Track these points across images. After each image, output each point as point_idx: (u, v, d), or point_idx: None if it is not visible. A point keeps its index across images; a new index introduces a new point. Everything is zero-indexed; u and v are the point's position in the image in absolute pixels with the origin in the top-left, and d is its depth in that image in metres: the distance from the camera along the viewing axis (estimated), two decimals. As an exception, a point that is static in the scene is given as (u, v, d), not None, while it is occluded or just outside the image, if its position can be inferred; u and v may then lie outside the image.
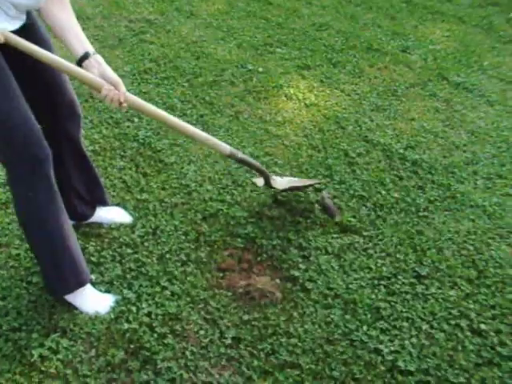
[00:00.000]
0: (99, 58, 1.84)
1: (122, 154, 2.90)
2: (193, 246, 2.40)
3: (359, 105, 3.42)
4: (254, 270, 2.34)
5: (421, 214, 2.66)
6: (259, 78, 3.57)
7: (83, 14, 4.20)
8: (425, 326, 2.14)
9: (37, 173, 1.85)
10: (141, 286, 2.22)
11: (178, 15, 4.37)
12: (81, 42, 1.82)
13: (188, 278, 2.26)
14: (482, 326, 2.17)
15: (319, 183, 2.75)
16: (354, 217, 2.61)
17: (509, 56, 4.20)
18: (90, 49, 1.82)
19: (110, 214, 2.52)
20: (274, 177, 2.61)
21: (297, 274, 2.31)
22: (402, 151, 3.05)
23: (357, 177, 2.84)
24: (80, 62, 1.82)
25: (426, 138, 3.19)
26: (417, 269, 2.38)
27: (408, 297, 2.26)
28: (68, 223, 2.02)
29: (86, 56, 1.81)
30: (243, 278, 2.30)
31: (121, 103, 1.86)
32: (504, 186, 2.89)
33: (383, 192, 2.75)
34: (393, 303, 2.23)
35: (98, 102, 3.20)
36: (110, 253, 2.35)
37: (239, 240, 2.45)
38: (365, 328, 2.11)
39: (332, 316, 2.15)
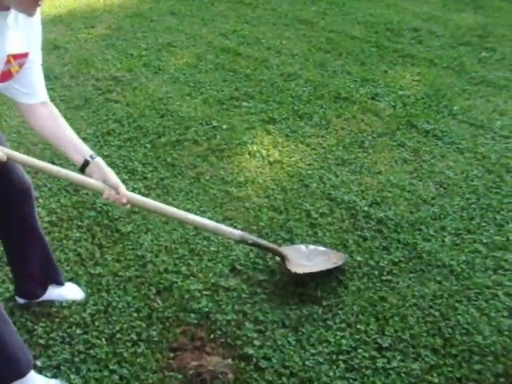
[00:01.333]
0: (99, 161, 1.90)
1: (79, 223, 2.82)
2: (144, 325, 2.30)
3: (324, 159, 3.34)
4: (206, 349, 2.23)
5: (384, 277, 2.55)
6: (223, 136, 3.50)
7: (51, 74, 4.16)
8: (386, 406, 2.03)
9: None
10: (89, 370, 2.12)
11: (145, 71, 4.33)
12: (79, 151, 1.90)
13: (138, 360, 2.16)
14: (448, 403, 2.07)
15: (341, 266, 2.56)
16: (316, 285, 2.50)
17: (479, 98, 4.14)
18: (89, 154, 1.89)
19: (62, 292, 2.43)
20: (291, 252, 2.54)
21: (251, 351, 2.19)
22: (366, 208, 2.95)
23: (319, 239, 2.74)
24: (82, 170, 1.90)
25: (392, 192, 3.10)
26: (378, 340, 2.27)
27: (368, 372, 2.15)
28: (0, 314, 1.90)
29: (86, 163, 1.88)
30: (195, 357, 2.19)
31: (124, 204, 1.92)
32: (473, 242, 2.79)
33: (346, 254, 2.66)
34: (351, 380, 2.11)
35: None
36: (60, 334, 2.26)
37: (193, 316, 2.34)
38: (321, 411, 2.00)
39: (287, 398, 2.04)
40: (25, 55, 1.76)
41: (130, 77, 4.22)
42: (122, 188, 1.90)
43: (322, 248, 2.66)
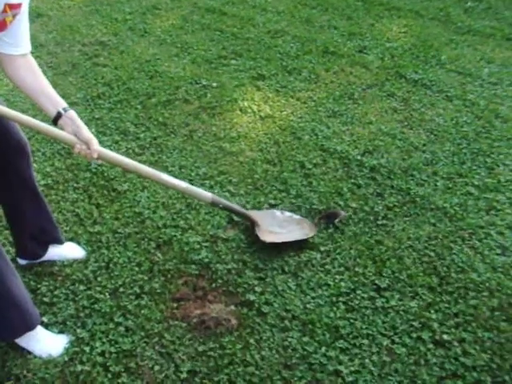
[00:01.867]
0: (72, 114, 1.91)
1: (75, 185, 2.83)
2: (146, 278, 2.34)
3: (315, 112, 3.36)
4: (208, 298, 2.27)
5: (379, 222, 2.60)
6: (213, 94, 3.50)
7: (36, 41, 4.12)
8: (386, 342, 2.08)
9: None
10: (94, 323, 2.16)
11: (131, 34, 4.30)
12: (52, 102, 1.90)
13: (142, 312, 2.19)
14: (445, 337, 2.12)
15: (311, 237, 2.53)
16: (313, 232, 2.55)
17: (467, 47, 4.15)
18: (62, 106, 1.90)
19: (62, 251, 2.46)
20: (264, 217, 2.55)
21: (252, 297, 2.24)
22: (359, 157, 2.99)
23: (314, 189, 2.77)
24: (55, 122, 1.91)
25: (384, 141, 3.13)
26: (376, 281, 2.32)
27: (368, 312, 2.20)
28: (9, 267, 1.94)
29: (59, 115, 1.90)
30: (198, 306, 2.24)
31: (96, 158, 1.94)
32: (465, 185, 2.84)
33: (341, 203, 2.69)
34: (352, 320, 2.17)
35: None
36: (63, 291, 2.29)
37: (193, 267, 2.38)
38: (323, 349, 2.05)
39: (290, 339, 2.09)
40: (19, 5, 1.76)
41: (116, 41, 4.18)
42: (94, 143, 1.91)
43: (297, 216, 2.63)
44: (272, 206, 2.67)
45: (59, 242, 2.43)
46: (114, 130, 3.19)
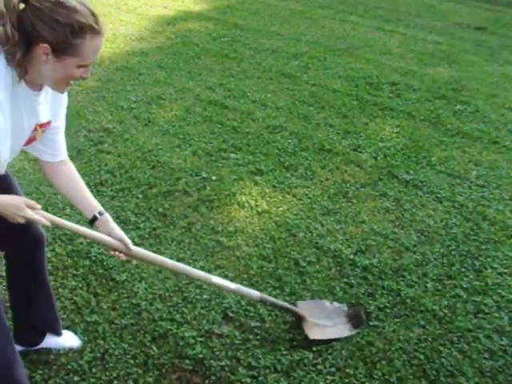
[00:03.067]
0: (107, 216, 2.08)
1: (74, 272, 2.90)
2: (141, 371, 2.37)
3: (310, 209, 3.48)
4: (202, 395, 2.31)
5: (371, 323, 2.66)
6: (212, 186, 3.63)
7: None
8: None
9: None
10: (88, 418, 2.18)
11: (136, 123, 4.47)
12: (90, 205, 2.08)
13: (135, 407, 2.22)
14: None
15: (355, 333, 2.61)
16: (305, 330, 2.61)
17: (456, 149, 4.34)
18: (98, 210, 2.07)
19: (59, 340, 2.50)
20: (312, 307, 2.66)
21: (245, 396, 2.28)
22: (352, 256, 3.08)
23: (307, 287, 2.85)
24: (91, 223, 2.06)
25: (376, 240, 3.23)
26: (367, 383, 2.37)
27: (358, 415, 2.24)
28: (17, 357, 1.96)
29: (95, 218, 2.05)
30: (191, 403, 2.27)
31: (128, 256, 2.09)
32: (453, 287, 2.92)
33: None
34: (343, 423, 2.21)
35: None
36: (58, 381, 2.31)
37: (187, 362, 2.42)
38: None
39: None
40: (48, 123, 1.91)
41: (120, 128, 4.35)
42: (129, 241, 2.08)
43: (345, 308, 2.72)
44: (266, 304, 2.73)
45: (58, 333, 2.48)
46: (115, 219, 3.19)
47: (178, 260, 2.98)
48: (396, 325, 2.67)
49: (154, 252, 2.98)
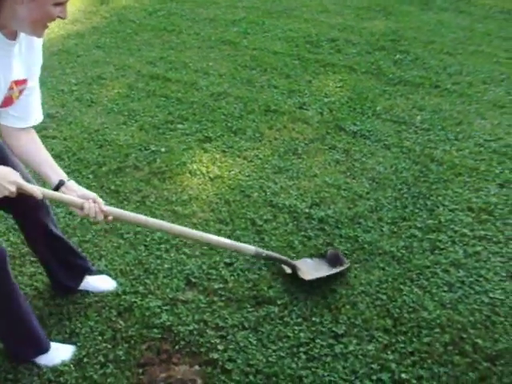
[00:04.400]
0: (72, 183, 2.07)
1: (32, 259, 2.85)
2: (110, 346, 2.37)
3: (262, 169, 3.50)
4: (173, 360, 2.32)
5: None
6: (163, 158, 3.61)
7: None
8: (347, 387, 2.17)
9: None
10: (61, 397, 2.17)
11: (78, 105, 4.38)
12: (54, 171, 2.06)
13: (108, 380, 2.22)
14: (404, 376, 2.23)
15: (346, 268, 2.73)
16: (270, 287, 2.64)
17: (399, 97, 4.41)
18: (63, 176, 2.06)
19: (95, 283, 2.64)
20: (300, 264, 2.69)
21: (216, 356, 2.30)
22: (307, 210, 3.12)
23: (266, 244, 2.87)
24: (57, 189, 2.04)
25: (329, 192, 3.28)
26: (334, 328, 2.42)
27: (328, 359, 2.29)
28: (24, 303, 2.17)
29: (61, 183, 2.03)
30: (163, 369, 2.28)
31: (106, 216, 2.05)
32: (408, 228, 3.00)
33: (294, 255, 2.80)
34: (314, 369, 2.25)
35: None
36: (27, 366, 2.29)
37: (156, 331, 2.43)
38: (289, 400, 2.13)
39: (255, 394, 2.15)
40: (24, 81, 1.86)
41: (63, 112, 4.26)
42: (100, 199, 2.05)
43: (323, 258, 2.80)
44: (227, 265, 2.76)
45: (90, 272, 2.63)
46: (67, 202, 3.24)
47: (136, 233, 2.98)
48: (357, 270, 2.73)
49: (110, 229, 3.01)
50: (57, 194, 2.02)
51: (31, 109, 2.01)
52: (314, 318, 2.47)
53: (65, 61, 5.18)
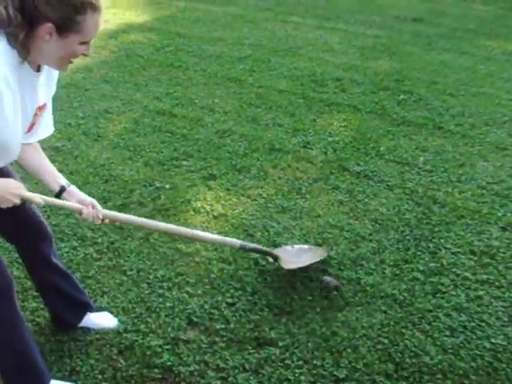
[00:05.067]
0: (73, 188, 2.18)
1: (34, 294, 2.85)
2: (110, 385, 2.37)
3: (266, 209, 3.52)
4: (173, 402, 2.32)
5: (337, 314, 2.71)
6: (167, 195, 3.64)
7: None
8: (349, 433, 2.16)
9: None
10: None
11: (85, 139, 4.44)
12: (55, 178, 2.16)
13: (108, 421, 2.22)
14: (405, 423, 2.21)
15: (323, 258, 2.99)
16: (271, 328, 2.64)
17: (403, 138, 4.46)
18: (64, 182, 2.16)
19: (96, 320, 2.63)
20: (281, 253, 2.96)
21: (216, 398, 2.30)
22: (310, 251, 3.14)
23: (268, 285, 2.88)
24: (59, 195, 2.15)
25: (332, 233, 3.29)
26: (335, 372, 2.41)
27: (329, 404, 2.28)
28: (28, 335, 2.20)
29: (62, 189, 2.15)
30: (164, 411, 2.28)
31: (102, 220, 2.19)
32: (411, 271, 3.00)
33: (295, 297, 2.81)
34: (315, 413, 2.24)
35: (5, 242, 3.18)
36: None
37: (156, 371, 2.42)
38: None
39: None
40: (44, 106, 1.97)
41: (70, 146, 4.30)
42: (97, 204, 2.18)
43: (305, 246, 3.11)
44: (229, 305, 2.76)
45: (91, 309, 2.63)
46: (72, 236, 3.25)
47: (138, 271, 2.99)
48: (358, 313, 2.73)
49: (114, 265, 3.02)
50: (57, 201, 2.14)
51: (41, 127, 2.11)
52: (315, 361, 2.46)
53: (73, 94, 5.25)
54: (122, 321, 2.67)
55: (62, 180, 2.17)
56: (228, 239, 2.83)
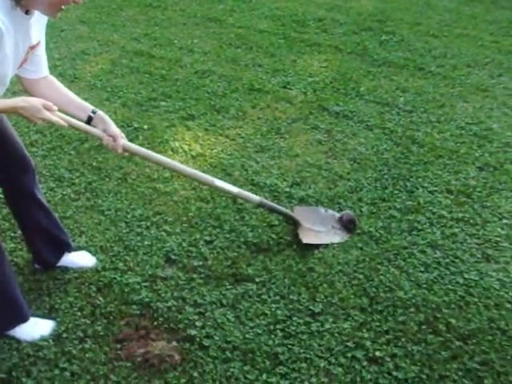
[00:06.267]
0: (101, 114, 2.22)
1: (12, 234, 2.85)
2: (89, 321, 2.38)
3: (244, 148, 3.51)
4: (151, 336, 2.34)
5: (311, 250, 2.75)
6: (145, 136, 3.60)
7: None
8: (323, 364, 2.21)
9: None
10: (39, 371, 2.19)
11: (62, 80, 4.22)
12: (82, 109, 2.22)
13: (87, 355, 2.24)
14: (378, 354, 2.27)
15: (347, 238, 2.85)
16: (248, 264, 2.67)
17: (383, 78, 4.43)
18: (91, 110, 2.21)
19: (74, 259, 2.66)
20: (305, 214, 2.88)
21: (194, 332, 2.33)
22: (288, 189, 3.14)
23: (246, 223, 2.90)
24: (88, 123, 2.22)
25: (310, 172, 3.30)
26: (311, 307, 2.46)
27: (304, 337, 2.33)
28: (8, 264, 2.25)
29: (90, 118, 2.21)
30: (141, 345, 2.30)
31: (123, 150, 2.26)
32: (388, 209, 3.03)
33: (273, 235, 2.83)
34: (290, 346, 2.29)
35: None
36: (7, 341, 2.29)
37: (134, 307, 2.45)
38: (265, 376, 2.16)
39: (232, 370, 2.19)
40: (37, 44, 2.03)
41: (45, 87, 4.22)
42: (120, 137, 2.22)
43: (338, 214, 2.94)
44: (207, 243, 2.78)
45: (70, 248, 2.66)
46: (49, 177, 3.23)
47: (116, 210, 2.98)
48: (335, 249, 2.76)
49: (91, 205, 3.01)
50: (80, 124, 2.19)
51: (43, 61, 2.17)
52: (291, 296, 2.50)
53: (49, 35, 5.04)
54: (101, 259, 2.68)
55: (88, 109, 2.22)
56: (247, 193, 2.72)
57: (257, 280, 2.58)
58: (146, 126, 3.70)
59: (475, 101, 4.19)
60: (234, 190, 2.64)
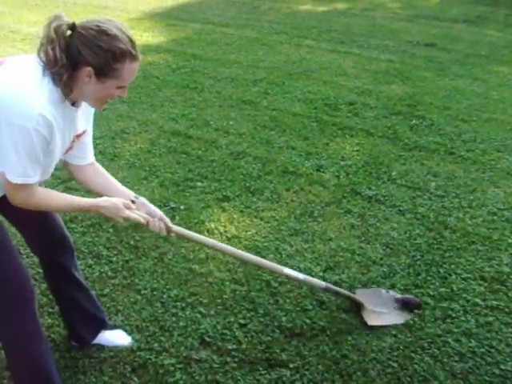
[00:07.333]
0: (142, 199, 2.30)
1: (50, 310, 2.91)
2: (123, 403, 2.41)
3: (278, 231, 3.58)
4: (185, 420, 2.36)
5: (348, 337, 2.75)
6: (181, 216, 3.70)
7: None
8: None
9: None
10: None
11: (101, 158, 4.51)
12: (123, 193, 2.28)
13: None
14: None
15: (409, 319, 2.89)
16: (282, 349, 2.68)
17: (414, 162, 4.51)
18: (133, 195, 2.29)
19: (110, 337, 2.70)
20: (368, 297, 2.94)
21: (228, 418, 2.34)
22: (321, 274, 3.17)
23: (280, 307, 2.93)
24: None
25: (343, 257, 3.34)
26: (344, 395, 2.45)
27: (338, 426, 2.31)
28: (45, 346, 2.27)
29: (132, 203, 2.23)
30: (175, 430, 2.31)
31: (168, 232, 2.32)
32: (421, 296, 3.03)
33: (307, 320, 2.84)
34: None
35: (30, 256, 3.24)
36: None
37: (169, 390, 2.47)
38: None
39: None
40: (84, 132, 2.13)
41: (86, 166, 4.38)
42: (164, 217, 2.30)
43: (398, 295, 2.99)
44: (241, 326, 2.80)
45: (107, 326, 2.71)
46: (87, 254, 3.32)
47: (152, 290, 3.04)
48: (368, 336, 2.76)
49: (128, 284, 3.08)
50: (149, 218, 2.27)
51: (89, 148, 2.27)
52: (325, 383, 2.50)
53: (90, 115, 5.34)
54: (136, 339, 2.72)
55: (129, 195, 2.28)
56: (313, 279, 2.81)
57: (290, 366, 2.58)
58: (182, 207, 3.81)
59: (506, 186, 4.23)
60: (300, 276, 2.73)
